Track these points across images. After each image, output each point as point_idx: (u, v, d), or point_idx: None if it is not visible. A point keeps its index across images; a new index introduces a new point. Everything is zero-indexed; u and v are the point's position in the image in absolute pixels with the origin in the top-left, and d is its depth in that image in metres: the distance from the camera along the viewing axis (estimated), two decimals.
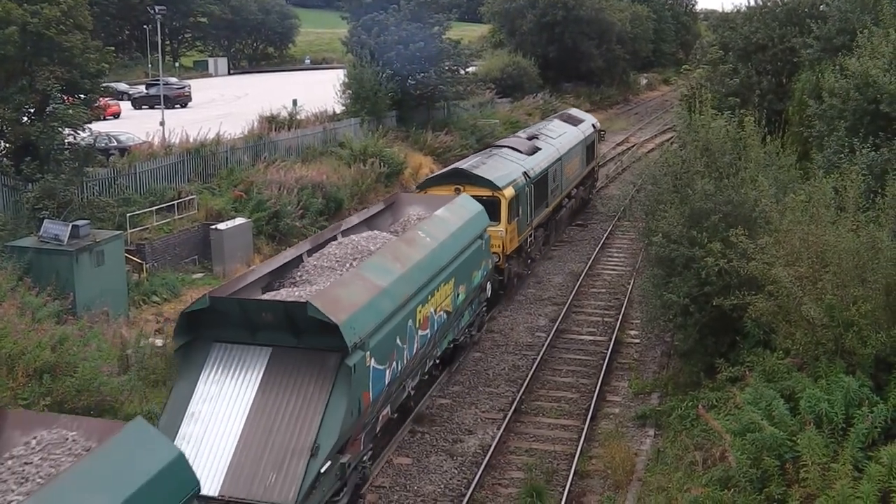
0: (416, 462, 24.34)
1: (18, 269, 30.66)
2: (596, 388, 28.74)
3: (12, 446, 14.22)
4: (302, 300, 20.82)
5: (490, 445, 24.94)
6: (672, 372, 28.71)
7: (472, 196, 33.11)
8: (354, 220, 30.17)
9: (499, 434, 25.57)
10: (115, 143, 48.04)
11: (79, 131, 37.07)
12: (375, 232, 28.58)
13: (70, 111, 35.81)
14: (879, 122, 27.68)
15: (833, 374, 17.33)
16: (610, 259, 45.15)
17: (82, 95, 37.96)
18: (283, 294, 23.00)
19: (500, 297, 37.31)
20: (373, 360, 21.14)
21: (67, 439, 14.33)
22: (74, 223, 32.42)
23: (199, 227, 40.72)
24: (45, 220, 32.80)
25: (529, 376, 29.65)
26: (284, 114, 55.69)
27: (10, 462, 13.82)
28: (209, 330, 20.80)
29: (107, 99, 53.37)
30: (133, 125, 56.12)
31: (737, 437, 16.81)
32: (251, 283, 23.29)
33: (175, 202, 40.94)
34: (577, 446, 24.82)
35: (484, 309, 33.32)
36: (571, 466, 23.73)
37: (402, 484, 23.16)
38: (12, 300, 27.53)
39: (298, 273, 24.88)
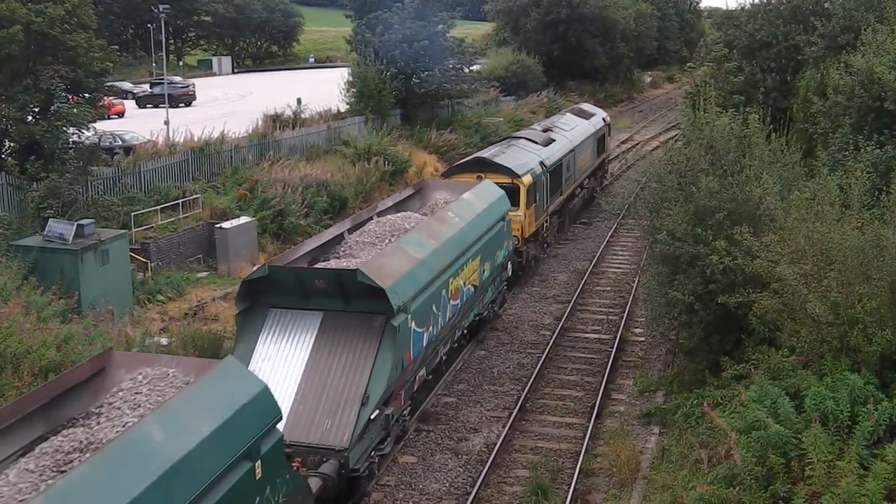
0: (422, 460, 24.34)
1: (23, 268, 30.69)
2: (601, 386, 28.73)
3: (119, 381, 16.51)
4: (352, 268, 23.14)
5: (495, 444, 24.92)
6: (677, 370, 28.68)
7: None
8: (388, 202, 32.70)
9: (504, 432, 25.56)
10: (120, 142, 48.13)
11: (83, 130, 37.07)
12: (409, 213, 31.14)
13: (74, 110, 35.84)
14: (884, 119, 27.67)
15: (838, 372, 17.31)
16: (615, 257, 45.14)
17: (86, 94, 38.01)
18: (332, 265, 25.20)
19: (519, 278, 39.32)
20: (413, 322, 23.55)
21: (169, 374, 16.58)
22: (79, 222, 32.48)
23: (203, 225, 40.79)
24: (50, 220, 32.86)
25: (534, 374, 29.65)
26: (289, 112, 55.73)
27: (120, 393, 16.04)
28: (266, 297, 23.12)
29: (111, 98, 53.67)
30: (137, 124, 56.14)
31: (742, 434, 16.78)
32: (299, 258, 25.49)
33: (180, 201, 41.01)
34: (583, 444, 24.81)
35: (505, 287, 35.36)
36: (577, 465, 23.72)
37: (406, 482, 23.16)
38: (17, 299, 27.53)
39: (341, 248, 27.39)
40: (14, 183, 35.50)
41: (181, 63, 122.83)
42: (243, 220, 40.57)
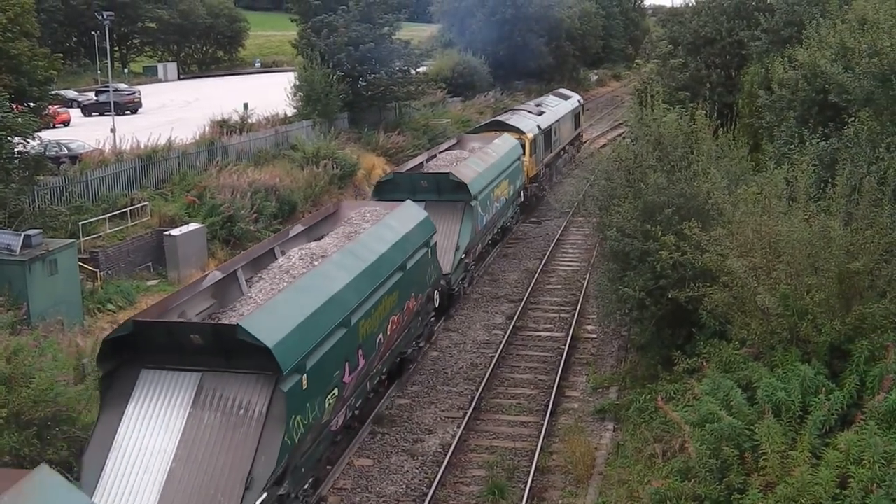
0: (377, 463, 24.31)
1: None
2: (554, 383, 28.83)
3: (349, 216, 29.80)
4: (446, 172, 37.96)
5: (451, 444, 24.97)
6: (630, 365, 28.86)
7: None
8: (443, 146, 48.20)
9: (459, 432, 25.61)
10: (66, 151, 47.56)
11: (28, 140, 36.60)
12: (462, 151, 46.55)
13: (19, 119, 35.40)
14: (828, 112, 27.95)
15: (789, 363, 17.46)
16: (565, 255, 45.34)
17: (31, 103, 37.60)
18: None
19: (527, 208, 53.61)
20: (480, 208, 37.58)
21: (378, 209, 30.25)
22: (26, 233, 32.07)
23: (152, 233, 40.46)
24: None
25: (488, 374, 29.72)
26: (235, 118, 55.39)
27: (353, 218, 29.38)
28: (389, 194, 35.69)
29: (56, 106, 53.08)
30: (83, 132, 55.46)
31: (696, 428, 16.88)
32: (405, 171, 39.85)
33: (128, 209, 40.65)
34: (538, 442, 24.89)
35: (518, 211, 50.49)
36: (532, 462, 23.79)
37: (363, 485, 23.12)
38: None
39: (425, 169, 41.37)
40: None
41: (126, 70, 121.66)
42: (192, 226, 40.31)
